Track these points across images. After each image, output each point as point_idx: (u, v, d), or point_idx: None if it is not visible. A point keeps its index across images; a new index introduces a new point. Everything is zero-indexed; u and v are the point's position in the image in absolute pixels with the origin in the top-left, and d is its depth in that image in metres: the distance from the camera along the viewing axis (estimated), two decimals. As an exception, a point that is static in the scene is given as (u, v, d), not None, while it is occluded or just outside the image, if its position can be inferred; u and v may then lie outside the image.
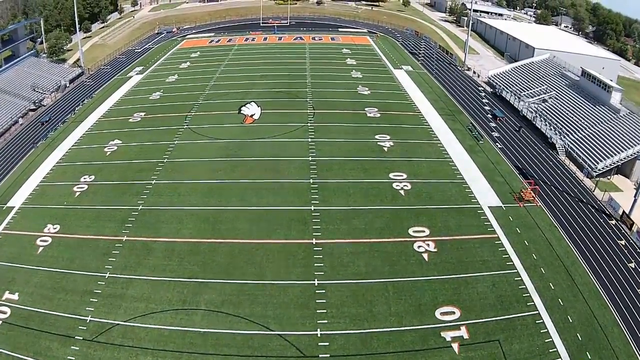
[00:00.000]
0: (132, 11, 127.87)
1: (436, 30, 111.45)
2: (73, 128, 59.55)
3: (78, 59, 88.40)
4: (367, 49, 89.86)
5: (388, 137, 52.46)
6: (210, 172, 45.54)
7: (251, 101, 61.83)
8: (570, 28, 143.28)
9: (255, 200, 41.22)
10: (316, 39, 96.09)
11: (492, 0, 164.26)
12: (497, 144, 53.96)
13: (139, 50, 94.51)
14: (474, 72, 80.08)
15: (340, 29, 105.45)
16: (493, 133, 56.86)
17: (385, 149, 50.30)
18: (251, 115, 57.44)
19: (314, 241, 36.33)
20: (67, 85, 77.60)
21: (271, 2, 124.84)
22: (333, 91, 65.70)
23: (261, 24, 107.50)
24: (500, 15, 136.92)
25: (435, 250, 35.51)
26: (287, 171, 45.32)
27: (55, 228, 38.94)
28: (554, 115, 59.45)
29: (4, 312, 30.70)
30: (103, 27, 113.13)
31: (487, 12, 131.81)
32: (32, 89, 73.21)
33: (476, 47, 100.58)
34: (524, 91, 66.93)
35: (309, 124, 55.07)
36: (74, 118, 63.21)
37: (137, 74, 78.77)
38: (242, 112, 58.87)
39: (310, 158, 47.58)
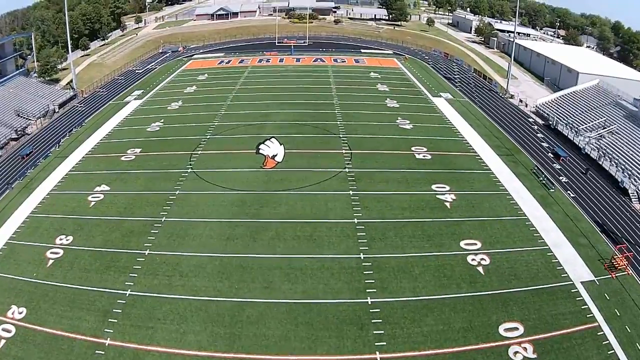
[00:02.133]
0: (135, 28, 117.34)
1: (466, 52, 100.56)
2: (56, 165, 47.99)
3: (72, 80, 77.41)
4: (397, 72, 78.61)
5: (447, 188, 40.68)
6: (222, 240, 33.53)
7: (271, 137, 50.05)
8: (594, 48, 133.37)
9: (287, 287, 29.16)
10: (338, 60, 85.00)
11: (519, 20, 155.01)
12: (568, 192, 42.72)
13: (140, 71, 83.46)
14: (521, 101, 68.64)
15: (362, 50, 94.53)
16: (561, 178, 45.51)
17: (448, 204, 38.51)
18: (273, 157, 45.56)
19: (378, 357, 24.44)
20: (56, 110, 66.34)
21: (285, 21, 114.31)
22: (369, 124, 54.10)
23: (277, 43, 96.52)
24: (528, 35, 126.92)
25: (535, 357, 24.95)
26: (328, 241, 33.34)
27: (20, 313, 27.70)
28: (618, 152, 48.70)
29: None
30: (103, 44, 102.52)
31: (518, 33, 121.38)
32: (17, 114, 61.94)
33: (512, 71, 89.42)
34: (581, 124, 56.19)
35: (347, 170, 43.19)
36: (58, 152, 51.65)
37: (135, 98, 67.44)
38: (260, 151, 47.02)
39: (355, 220, 35.61)
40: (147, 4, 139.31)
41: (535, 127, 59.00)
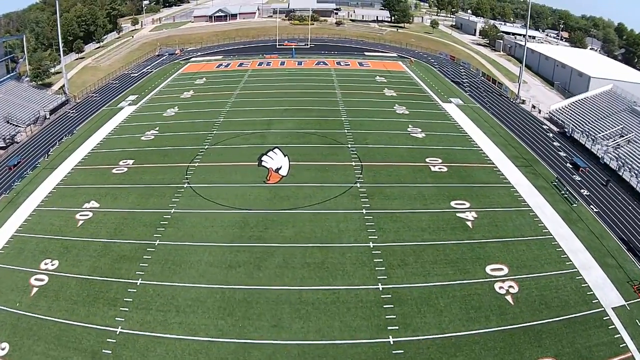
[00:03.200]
0: (131, 30, 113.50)
1: (472, 54, 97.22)
2: (43, 177, 44.29)
3: (64, 85, 73.70)
4: (404, 76, 75.05)
5: (467, 205, 37.13)
6: (223, 269, 29.81)
7: (274, 147, 46.32)
8: (598, 50, 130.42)
9: (298, 326, 25.51)
10: (342, 63, 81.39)
11: (520, 22, 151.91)
12: (591, 206, 39.38)
13: (136, 75, 79.73)
14: (534, 107, 65.17)
15: (366, 53, 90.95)
16: (582, 191, 42.20)
17: (469, 223, 34.95)
18: (277, 170, 41.80)
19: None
20: (47, 116, 62.62)
21: (285, 23, 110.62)
22: (378, 133, 50.48)
23: (277, 46, 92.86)
24: (533, 37, 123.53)
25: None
26: (342, 269, 29.70)
27: (3, 349, 24.33)
28: (638, 162, 45.55)
29: None
30: (98, 47, 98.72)
31: (522, 35, 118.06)
32: (6, 120, 58.25)
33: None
34: (598, 132, 53.04)
35: (358, 185, 39.54)
36: (46, 163, 47.91)
37: (129, 104, 63.72)
38: (263, 164, 43.20)
39: (371, 244, 31.99)
40: (143, 6, 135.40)
41: (551, 134, 55.70)
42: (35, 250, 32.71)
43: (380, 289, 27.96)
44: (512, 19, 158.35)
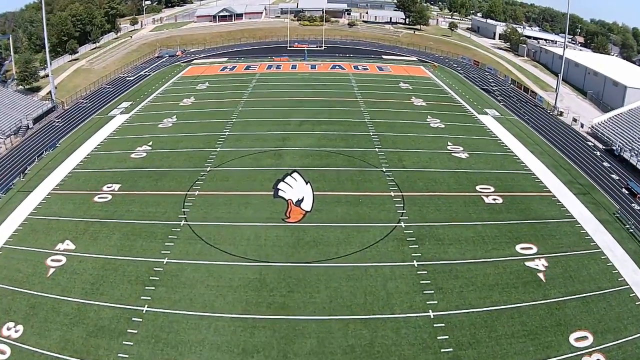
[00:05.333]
0: (130, 31, 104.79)
1: (495, 59, 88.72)
2: (15, 204, 35.77)
3: (55, 88, 65.39)
4: (429, 83, 66.56)
5: (535, 250, 29.01)
6: (234, 355, 21.18)
7: (292, 171, 37.58)
8: (617, 55, 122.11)
9: None
10: (360, 67, 72.91)
11: (538, 26, 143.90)
12: None
13: (132, 78, 71.16)
14: (574, 120, 56.57)
15: (384, 56, 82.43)
16: (644, 223, 33.72)
17: (541, 275, 26.89)
18: (298, 203, 32.92)
19: None
20: (30, 125, 53.98)
21: (294, 23, 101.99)
22: (415, 152, 42.01)
23: (288, 48, 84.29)
24: (554, 42, 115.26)
25: None
26: (399, 354, 21.16)
27: None
28: None
29: None
30: (94, 48, 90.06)
31: (545, 40, 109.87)
32: (-17, 130, 49.62)
33: (550, 82, 77.65)
34: None
35: (402, 224, 30.93)
36: (21, 185, 39.27)
37: (121, 112, 55.13)
38: (280, 194, 34.27)
39: (431, 313, 23.49)
40: (144, 5, 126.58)
41: (598, 153, 47.45)
42: (-2, 309, 24.24)
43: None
44: (522, 22, 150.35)
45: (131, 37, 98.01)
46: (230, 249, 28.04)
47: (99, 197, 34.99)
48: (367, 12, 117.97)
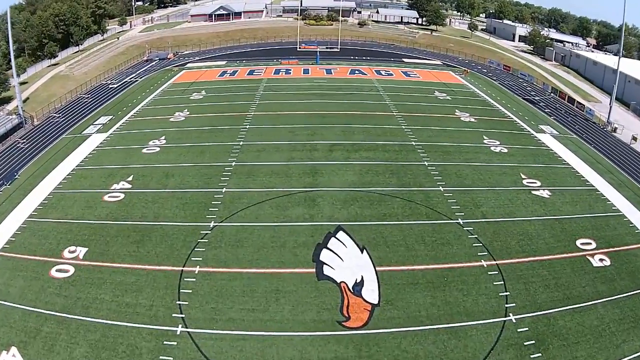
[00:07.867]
0: (118, 32, 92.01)
1: (524, 63, 77.67)
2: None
3: (27, 99, 53.44)
4: (467, 92, 55.13)
5: None
6: None
7: (337, 229, 25.29)
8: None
9: None
10: (383, 72, 61.36)
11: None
12: None
13: (115, 86, 58.89)
14: (634, 139, 45.28)
15: (405, 60, 70.91)
16: None
17: None
18: (355, 289, 20.51)
19: None
20: (-10, 147, 41.68)
21: (300, 23, 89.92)
22: (490, 192, 30.54)
23: (298, 49, 72.41)
24: (577, 45, 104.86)
25: None
26: None
27: None
28: None
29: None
30: (77, 51, 77.45)
31: (570, 42, 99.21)
32: None
33: (589, 91, 66.71)
34: None
35: (513, 318, 19.38)
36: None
37: (97, 130, 42.89)
38: (326, 272, 21.63)
39: None
40: (133, 4, 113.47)
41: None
42: None
43: None
44: (529, 23, 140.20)
45: (118, 38, 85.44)
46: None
47: (56, 270, 23.00)
48: (377, 11, 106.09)
